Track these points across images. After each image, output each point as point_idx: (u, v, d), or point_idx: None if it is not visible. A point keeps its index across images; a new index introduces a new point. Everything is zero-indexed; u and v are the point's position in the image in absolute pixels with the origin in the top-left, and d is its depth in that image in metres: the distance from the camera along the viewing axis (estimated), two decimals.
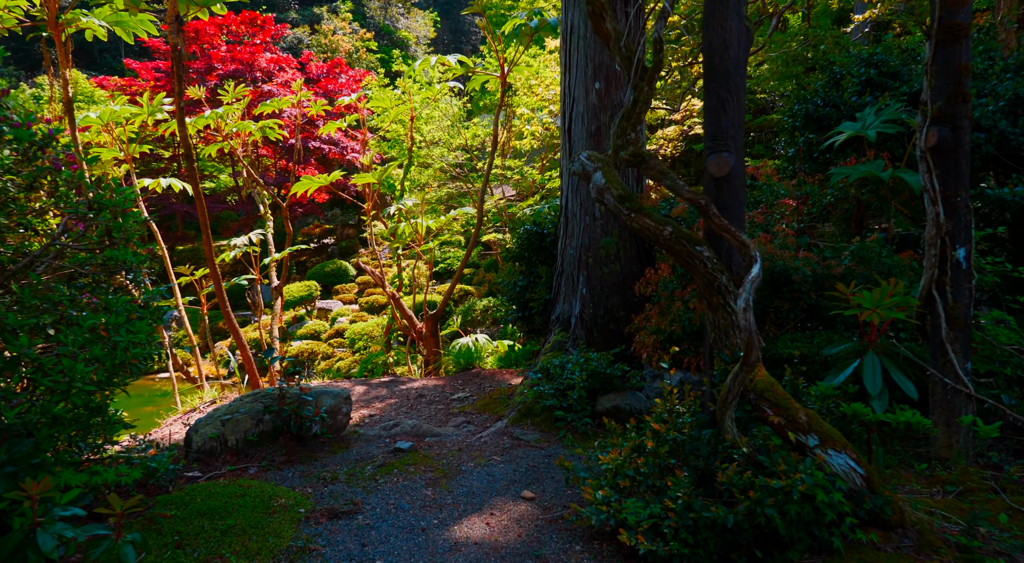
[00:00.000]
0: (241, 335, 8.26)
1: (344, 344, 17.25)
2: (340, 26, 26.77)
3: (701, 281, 3.47)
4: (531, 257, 7.04)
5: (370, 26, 29.55)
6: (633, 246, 6.28)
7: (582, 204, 6.28)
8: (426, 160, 16.25)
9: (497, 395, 7.03)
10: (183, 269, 11.58)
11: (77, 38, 28.03)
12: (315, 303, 19.30)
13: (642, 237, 3.53)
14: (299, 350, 17.10)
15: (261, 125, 11.51)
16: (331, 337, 17.73)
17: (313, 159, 21.57)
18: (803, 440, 3.18)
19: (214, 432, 4.94)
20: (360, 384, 8.10)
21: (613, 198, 3.58)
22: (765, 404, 3.29)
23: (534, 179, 15.38)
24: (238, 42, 21.68)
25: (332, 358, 16.82)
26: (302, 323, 18.57)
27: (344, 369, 15.92)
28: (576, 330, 6.08)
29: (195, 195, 8.04)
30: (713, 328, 3.55)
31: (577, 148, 6.33)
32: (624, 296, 6.18)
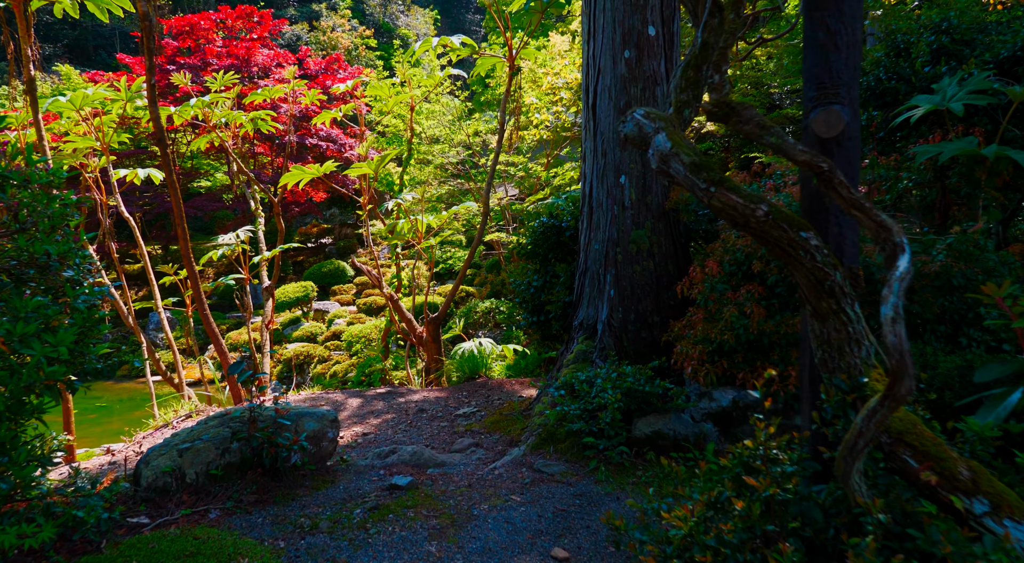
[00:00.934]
0: (222, 342, 7.24)
1: (341, 347, 16.21)
2: (339, 23, 25.74)
3: (805, 279, 2.47)
4: (547, 254, 6.04)
5: (369, 23, 28.52)
6: (668, 240, 5.28)
7: (609, 191, 5.28)
8: (426, 156, 15.24)
9: (508, 411, 6.02)
10: (166, 268, 10.54)
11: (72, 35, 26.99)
12: (312, 304, 18.26)
13: (726, 219, 2.53)
14: (295, 353, 16.07)
15: (252, 116, 10.50)
16: (328, 339, 16.70)
17: (311, 156, 20.53)
18: (967, 505, 2.18)
19: (169, 464, 3.92)
20: (354, 396, 7.08)
21: (684, 167, 2.58)
22: (906, 451, 2.29)
23: (539, 176, 14.37)
24: (234, 38, 20.65)
25: (328, 361, 15.79)
26: (298, 325, 17.54)
27: (341, 373, 14.89)
28: (603, 338, 5.07)
29: (169, 184, 7.03)
30: (820, 343, 2.55)
31: (604, 127, 5.32)
32: (658, 298, 5.18)
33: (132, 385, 17.55)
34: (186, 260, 7.05)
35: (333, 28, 25.34)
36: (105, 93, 8.79)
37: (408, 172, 15.00)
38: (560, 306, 5.74)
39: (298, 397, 7.05)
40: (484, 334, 15.15)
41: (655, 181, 5.26)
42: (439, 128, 15.09)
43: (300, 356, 16.09)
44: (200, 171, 21.98)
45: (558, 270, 5.85)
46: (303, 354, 16.10)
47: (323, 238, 22.82)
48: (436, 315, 8.39)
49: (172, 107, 9.91)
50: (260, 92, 10.63)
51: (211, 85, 10.51)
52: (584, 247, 5.44)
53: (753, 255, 4.48)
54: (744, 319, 4.28)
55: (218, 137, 10.30)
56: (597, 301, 5.24)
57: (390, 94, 10.19)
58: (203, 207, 19.98)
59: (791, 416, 4.28)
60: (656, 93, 5.28)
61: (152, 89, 6.76)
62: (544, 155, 14.97)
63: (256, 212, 12.15)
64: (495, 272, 16.91)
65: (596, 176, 5.37)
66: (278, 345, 17.35)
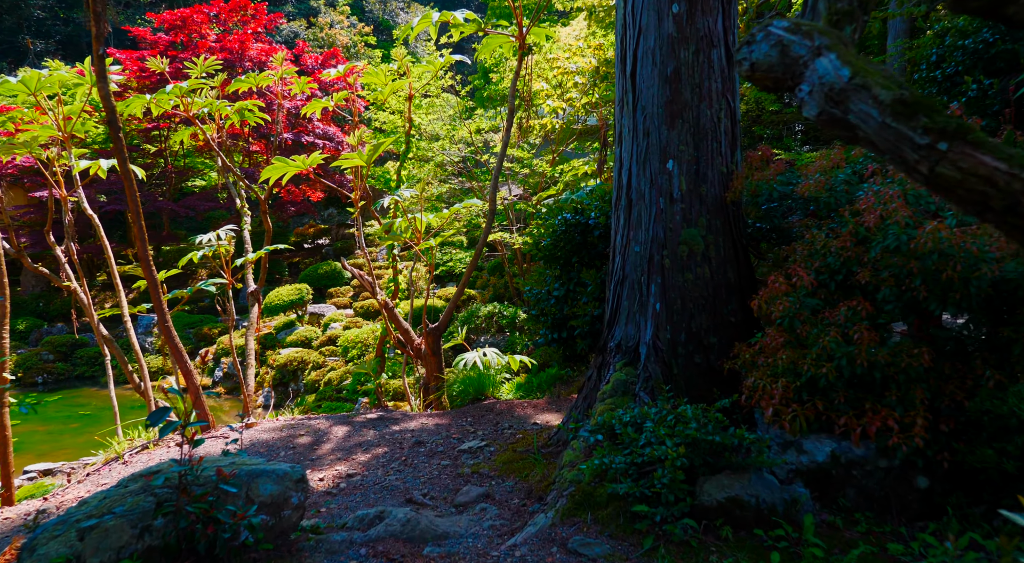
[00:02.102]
0: (187, 361, 6.04)
1: (336, 352, 15.01)
2: (337, 19, 24.49)
3: None
4: (570, 257, 4.85)
5: (368, 20, 27.23)
6: (727, 240, 4.09)
7: (653, 180, 4.09)
8: (425, 153, 14.03)
9: (524, 447, 4.82)
10: (137, 270, 9.32)
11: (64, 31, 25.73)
12: (307, 307, 17.03)
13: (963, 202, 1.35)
14: (288, 359, 14.86)
15: (239, 107, 9.29)
16: (323, 344, 15.48)
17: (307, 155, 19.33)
18: None
19: (64, 552, 2.72)
20: (341, 423, 5.87)
21: (880, 108, 1.39)
22: None
23: (544, 172, 13.17)
24: (228, 32, 19.42)
25: (323, 368, 14.58)
26: (292, 329, 16.31)
27: (335, 380, 13.68)
28: (648, 365, 3.87)
29: (123, 175, 5.82)
30: None
31: (646, 99, 4.13)
32: (715, 314, 3.99)
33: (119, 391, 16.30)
34: (143, 264, 5.85)
35: (331, 25, 24.10)
36: (65, 75, 7.56)
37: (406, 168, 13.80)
38: (588, 321, 4.55)
39: (275, 424, 5.85)
40: (487, 339, 13.96)
41: (710, 167, 4.07)
42: (439, 124, 13.88)
43: (294, 362, 14.90)
44: (193, 169, 20.74)
45: (584, 277, 4.66)
46: (297, 360, 14.90)
47: (320, 239, 21.59)
48: (437, 325, 7.19)
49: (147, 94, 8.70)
50: (245, 78, 9.41)
51: (191, 70, 9.28)
52: (620, 249, 4.24)
53: (853, 261, 3.30)
54: (848, 346, 3.10)
55: (200, 129, 9.07)
56: (639, 317, 4.05)
57: (386, 82, 9.00)
58: (195, 206, 18.73)
59: (911, 476, 3.10)
60: (712, 57, 4.10)
61: (101, 60, 5.55)
62: (549, 152, 13.78)
63: (242, 210, 10.92)
64: (498, 274, 15.71)
65: (636, 161, 4.18)
66: (271, 350, 16.13)
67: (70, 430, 14.33)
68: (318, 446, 5.34)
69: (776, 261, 3.84)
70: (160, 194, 19.81)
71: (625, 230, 4.22)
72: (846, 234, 3.34)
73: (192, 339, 17.34)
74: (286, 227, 21.78)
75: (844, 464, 3.14)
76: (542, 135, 13.51)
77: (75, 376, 17.04)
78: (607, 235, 4.73)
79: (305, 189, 19.73)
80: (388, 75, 9.05)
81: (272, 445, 5.36)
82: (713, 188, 4.08)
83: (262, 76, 9.75)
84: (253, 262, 10.39)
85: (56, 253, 8.14)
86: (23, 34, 23.26)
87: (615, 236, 4.36)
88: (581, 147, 13.97)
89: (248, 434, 5.60)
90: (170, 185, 19.91)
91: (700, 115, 4.08)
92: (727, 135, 4.15)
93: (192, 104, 9.08)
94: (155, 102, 8.65)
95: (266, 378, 15.21)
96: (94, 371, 17.10)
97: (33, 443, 13.90)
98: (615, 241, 4.34)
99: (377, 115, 14.62)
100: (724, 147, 4.13)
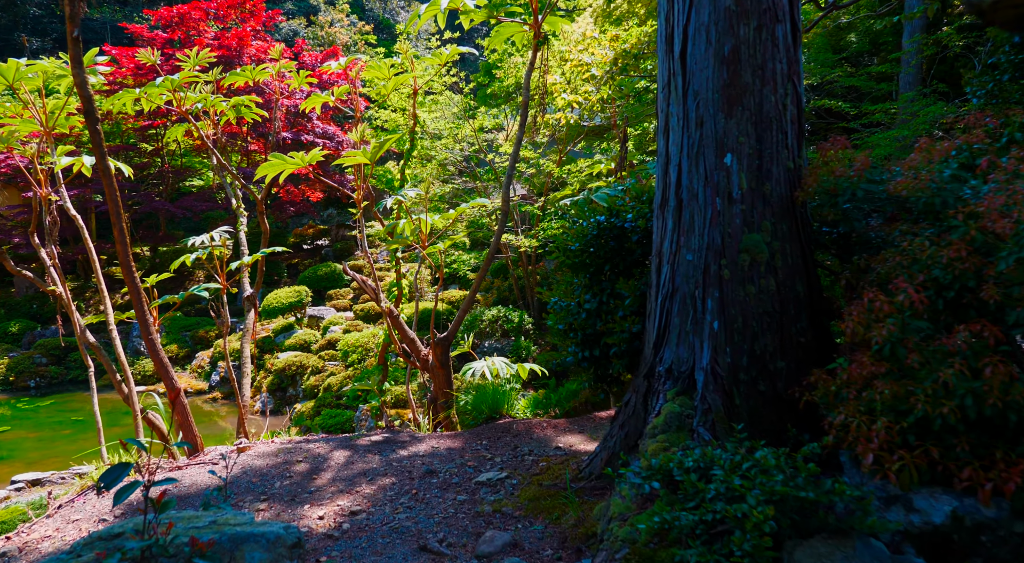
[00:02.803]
0: (173, 377, 5.35)
1: (336, 357, 14.33)
2: (337, 17, 23.75)
3: None
4: (602, 265, 4.19)
5: (369, 19, 26.48)
6: (795, 248, 3.44)
7: (708, 177, 3.43)
8: (428, 153, 13.35)
9: (550, 480, 4.17)
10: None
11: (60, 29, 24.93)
12: (306, 310, 16.34)
13: None
14: (286, 363, 14.18)
15: (234, 102, 8.59)
16: (322, 348, 14.80)
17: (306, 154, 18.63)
18: None
19: None
20: (342, 446, 5.20)
21: None
22: None
23: (551, 172, 12.52)
24: (226, 29, 18.70)
25: (323, 372, 13.90)
26: (291, 332, 15.63)
27: (335, 386, 13.01)
28: (707, 394, 3.22)
29: (100, 171, 5.14)
30: None
31: (699, 83, 3.48)
32: (782, 334, 3.34)
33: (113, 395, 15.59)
34: (124, 269, 5.17)
35: (331, 23, 23.37)
36: (46, 65, 6.89)
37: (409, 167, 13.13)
38: (626, 338, 3.90)
39: (269, 447, 5.18)
40: (491, 344, 13.29)
41: (775, 161, 3.42)
42: (442, 122, 13.20)
43: (292, 367, 14.22)
44: (191, 169, 20.00)
45: (621, 288, 4.00)
46: (295, 364, 14.23)
47: (319, 239, 20.89)
48: (445, 335, 6.53)
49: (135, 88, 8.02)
50: (240, 72, 8.72)
51: (183, 63, 8.57)
52: (668, 258, 3.58)
53: (969, 274, 2.65)
54: (973, 381, 2.45)
55: (194, 126, 8.37)
56: (692, 337, 3.39)
57: (389, 76, 8.33)
58: (192, 207, 17.99)
59: None
60: (776, 34, 3.44)
61: (75, 43, 4.88)
62: (555, 151, 13.13)
63: (238, 211, 10.23)
64: (502, 277, 15.05)
65: (687, 155, 3.52)
66: (269, 354, 15.44)
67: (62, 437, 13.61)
68: (317, 475, 4.67)
69: (857, 273, 3.19)
70: (157, 194, 19.07)
71: (674, 235, 3.56)
72: (959, 242, 2.69)
73: (189, 342, 16.64)
74: (285, 228, 21.06)
75: (969, 527, 2.49)
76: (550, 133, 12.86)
77: (69, 380, 16.31)
78: (646, 240, 4.08)
79: (304, 189, 19.03)
80: (391, 69, 8.39)
81: (266, 474, 4.69)
82: (779, 186, 3.42)
83: (258, 69, 9.05)
84: (249, 265, 9.70)
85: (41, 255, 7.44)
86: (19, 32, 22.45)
87: (660, 242, 3.70)
88: (589, 147, 13.32)
89: (241, 459, 4.93)
90: (167, 185, 19.18)
91: (763, 101, 3.43)
92: (794, 124, 3.50)
93: (185, 99, 8.36)
94: (146, 97, 7.93)
95: (264, 383, 14.53)
96: (88, 375, 16.43)
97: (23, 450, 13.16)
98: (661, 248, 3.68)
99: (379, 113, 13.94)
100: (791, 138, 3.47)
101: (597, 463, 4.03)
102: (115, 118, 18.42)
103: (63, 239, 18.77)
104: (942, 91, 12.12)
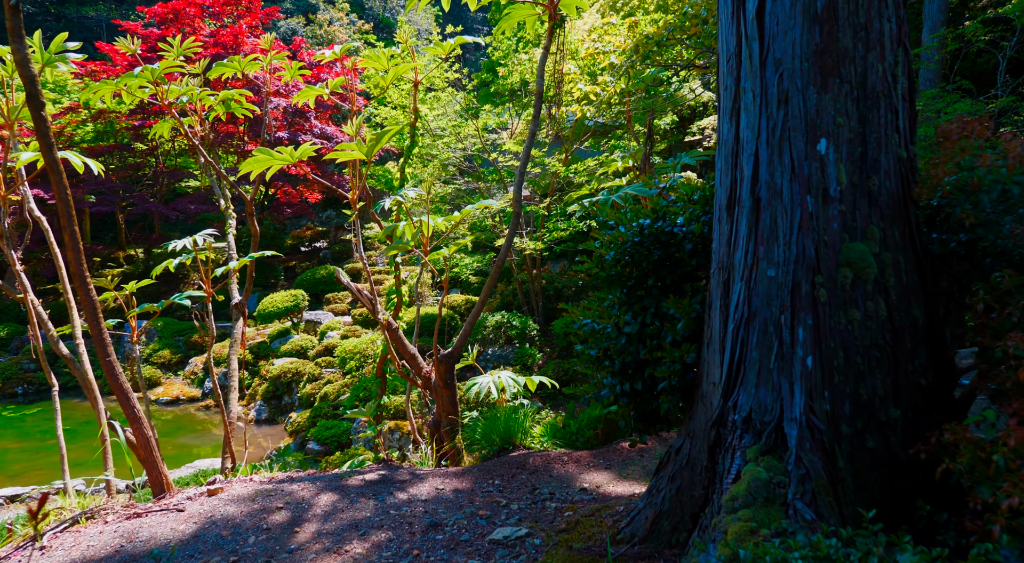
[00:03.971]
0: (135, 406, 4.48)
1: (334, 364, 13.47)
2: (337, 16, 22.85)
3: None
4: (644, 278, 3.35)
5: (369, 17, 25.58)
6: (911, 260, 2.60)
7: (796, 169, 2.59)
8: (429, 151, 12.49)
9: (581, 539, 3.32)
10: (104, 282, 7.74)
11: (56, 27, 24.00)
12: (302, 314, 15.46)
13: None
14: (282, 370, 13.31)
15: (223, 96, 7.72)
16: (319, 355, 13.94)
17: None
18: None
19: None
20: (329, 489, 4.34)
21: None
22: None
23: (557, 172, 11.67)
24: (222, 26, 17.81)
25: (319, 380, 13.04)
26: (287, 338, 14.76)
27: (332, 394, 12.13)
28: (803, 455, 2.38)
29: (47, 165, 4.27)
30: None
31: (782, 48, 2.64)
32: (896, 373, 2.50)
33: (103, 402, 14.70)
34: (77, 281, 4.30)
35: (330, 22, 22.48)
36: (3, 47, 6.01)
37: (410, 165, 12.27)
38: (678, 370, 3.06)
39: (245, 489, 4.32)
40: (494, 351, 12.44)
41: (883, 149, 2.58)
42: (444, 119, 12.34)
43: (288, 374, 13.36)
44: (186, 170, 19.11)
45: (669, 307, 3.16)
46: (291, 371, 13.36)
47: (317, 241, 20.00)
48: (450, 351, 5.68)
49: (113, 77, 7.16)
50: (228, 62, 7.84)
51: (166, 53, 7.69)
52: (742, 272, 2.73)
53: None
54: None
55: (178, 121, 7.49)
56: (778, 377, 2.55)
57: (388, 66, 7.47)
58: (185, 209, 17.09)
59: None
60: None
61: (14, 11, 4.00)
62: (561, 150, 12.28)
63: (227, 213, 9.34)
64: (506, 281, 14.21)
65: (766, 142, 2.68)
66: (264, 360, 14.57)
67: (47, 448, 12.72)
68: (299, 526, 3.82)
69: (998, 295, 2.35)
70: (151, 195, 18.18)
71: (748, 244, 2.71)
72: None
73: (183, 347, 15.75)
74: (282, 229, 20.18)
75: None
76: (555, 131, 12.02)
77: (58, 386, 15.46)
78: (701, 249, 3.24)
79: (303, 190, 18.17)
80: (391, 60, 7.52)
81: (239, 525, 3.83)
82: (888, 180, 2.58)
83: (247, 60, 8.13)
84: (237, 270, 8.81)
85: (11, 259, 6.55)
86: None
87: (728, 252, 2.85)
88: (596, 145, 12.47)
89: (210, 505, 4.07)
90: (161, 186, 18.29)
91: (867, 71, 2.58)
92: (905, 101, 2.66)
93: (168, 92, 7.44)
94: (125, 89, 7.03)
95: (259, 391, 13.66)
96: (52, 394, 15.58)
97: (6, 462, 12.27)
98: (731, 259, 2.82)
99: (378, 110, 13.08)
100: (902, 119, 2.63)
101: (641, 522, 3.18)
102: (108, 117, 17.53)
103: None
104: (966, 88, 11.31)
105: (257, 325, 15.72)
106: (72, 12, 21.75)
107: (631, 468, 4.62)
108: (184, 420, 13.72)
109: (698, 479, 2.96)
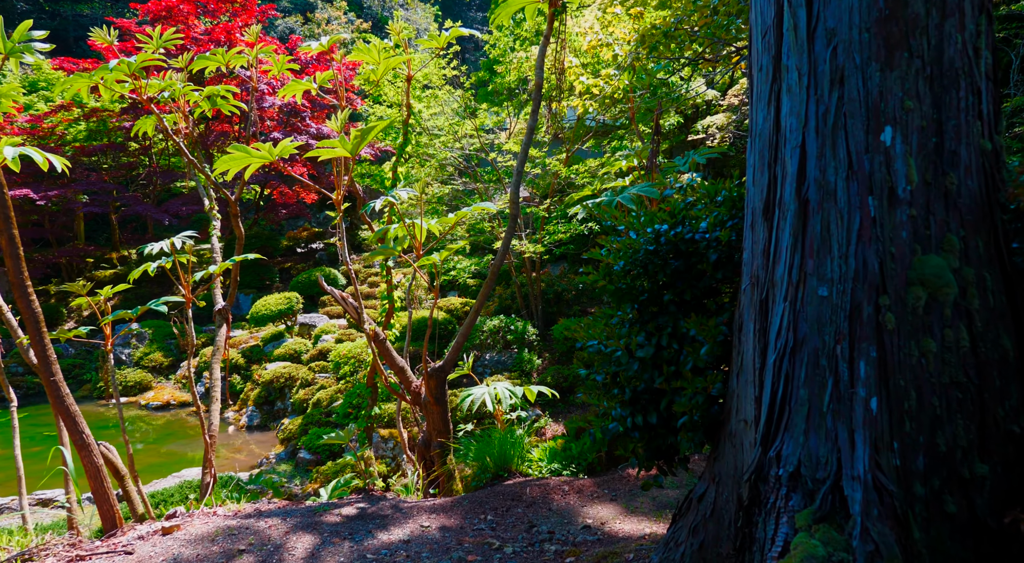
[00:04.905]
0: (84, 431, 3.95)
1: (328, 368, 12.93)
2: (335, 15, 22.32)
3: None
4: (660, 292, 2.82)
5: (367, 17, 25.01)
6: (998, 277, 2.07)
7: (853, 163, 2.07)
8: (425, 151, 11.94)
9: None
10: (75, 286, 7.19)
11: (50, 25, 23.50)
12: (296, 317, 14.93)
13: None
14: (274, 375, 12.77)
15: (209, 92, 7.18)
16: (313, 359, 13.40)
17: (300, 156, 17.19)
18: None
19: None
20: (302, 528, 3.80)
21: None
22: None
23: (558, 172, 11.14)
24: (217, 23, 17.27)
25: (312, 385, 12.50)
26: (281, 341, 14.23)
27: (325, 400, 11.59)
28: (869, 524, 1.86)
29: None
30: None
31: (835, 15, 2.12)
32: (983, 418, 1.97)
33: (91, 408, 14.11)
34: (17, 291, 3.77)
35: (328, 21, 21.94)
36: None
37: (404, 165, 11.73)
38: (700, 403, 2.54)
39: (204, 527, 3.77)
40: (492, 357, 11.89)
41: (962, 140, 2.05)
42: (441, 118, 11.81)
43: (280, 378, 12.82)
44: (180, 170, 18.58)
45: (689, 327, 2.63)
46: (284, 376, 12.82)
47: (314, 243, 19.46)
48: (442, 364, 5.15)
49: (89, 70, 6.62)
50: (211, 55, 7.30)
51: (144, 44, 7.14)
52: (785, 291, 2.20)
53: None
54: None
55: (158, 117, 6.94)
56: (833, 422, 2.02)
57: (380, 59, 6.94)
58: (178, 211, 16.53)
59: None
60: None
61: None
62: (561, 150, 11.75)
63: (211, 213, 8.81)
64: (504, 284, 13.67)
65: (815, 132, 2.15)
66: (257, 364, 14.04)
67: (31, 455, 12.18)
68: None
69: None
70: (144, 195, 17.64)
71: (792, 256, 2.18)
72: None
73: (174, 351, 15.22)
74: (278, 230, 19.65)
75: None
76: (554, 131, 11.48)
77: (17, 402, 14.91)
78: (727, 260, 2.71)
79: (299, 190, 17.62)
80: (383, 53, 6.99)
81: None
82: (969, 179, 2.05)
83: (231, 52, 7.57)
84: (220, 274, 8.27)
85: None
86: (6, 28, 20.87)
87: (765, 265, 2.32)
88: (598, 145, 11.94)
89: (163, 547, 3.53)
90: (154, 186, 17.75)
91: (943, 43, 2.06)
92: (988, 81, 2.13)
93: (148, 86, 6.89)
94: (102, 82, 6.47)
95: (251, 395, 13.12)
96: (11, 410, 15.04)
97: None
98: (771, 275, 2.29)
99: (373, 109, 12.55)
100: (985, 104, 2.10)
101: None
102: (101, 116, 16.99)
103: (45, 241, 17.35)
104: None
105: (250, 328, 15.19)
106: (67, 10, 21.20)
107: (639, 500, 4.09)
108: (174, 426, 13.20)
109: (725, 534, 2.43)
